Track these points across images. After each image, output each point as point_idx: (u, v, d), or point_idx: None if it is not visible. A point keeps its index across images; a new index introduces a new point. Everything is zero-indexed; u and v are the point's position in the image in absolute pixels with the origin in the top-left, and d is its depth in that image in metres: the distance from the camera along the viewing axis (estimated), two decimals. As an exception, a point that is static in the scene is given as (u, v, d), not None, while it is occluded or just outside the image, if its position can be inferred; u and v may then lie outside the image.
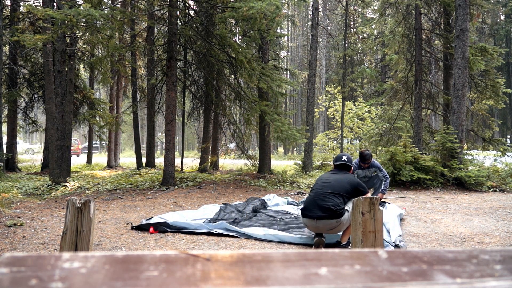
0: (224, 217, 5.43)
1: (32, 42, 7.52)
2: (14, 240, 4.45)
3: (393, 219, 4.91)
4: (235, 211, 5.79)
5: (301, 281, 0.47)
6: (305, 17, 33.04)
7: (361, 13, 25.34)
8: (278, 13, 7.81)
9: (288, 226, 5.06)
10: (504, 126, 28.00)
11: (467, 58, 9.41)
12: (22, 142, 32.59)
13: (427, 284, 0.47)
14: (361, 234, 2.58)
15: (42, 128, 14.99)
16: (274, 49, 14.90)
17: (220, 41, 9.23)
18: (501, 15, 31.07)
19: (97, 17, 7.16)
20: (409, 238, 4.67)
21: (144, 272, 0.48)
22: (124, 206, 6.71)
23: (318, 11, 14.10)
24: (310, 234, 4.51)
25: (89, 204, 2.39)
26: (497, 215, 6.09)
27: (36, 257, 0.50)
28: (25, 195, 7.86)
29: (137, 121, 15.66)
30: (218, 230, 4.75)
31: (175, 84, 9.08)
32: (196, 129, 24.34)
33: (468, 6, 9.44)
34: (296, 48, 36.61)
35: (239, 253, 0.55)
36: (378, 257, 0.55)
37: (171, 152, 8.98)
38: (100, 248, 4.14)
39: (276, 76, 9.83)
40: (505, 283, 0.48)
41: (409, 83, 13.20)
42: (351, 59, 23.57)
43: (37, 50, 13.58)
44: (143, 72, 16.71)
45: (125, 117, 19.35)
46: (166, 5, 10.32)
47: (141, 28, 14.94)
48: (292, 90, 29.81)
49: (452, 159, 9.36)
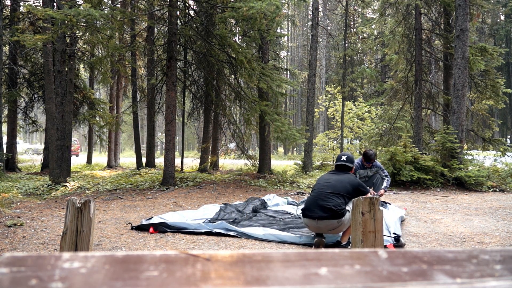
0: (224, 217, 5.43)
1: (32, 42, 7.52)
2: (14, 240, 4.45)
3: (394, 221, 4.90)
4: (235, 211, 5.79)
5: (301, 281, 0.47)
6: (305, 17, 33.04)
7: (361, 13, 25.35)
8: (278, 13, 7.81)
9: (288, 226, 5.05)
10: (504, 126, 28.00)
11: (467, 58, 9.41)
12: (22, 142, 32.59)
13: (427, 284, 0.47)
14: (361, 234, 2.58)
15: (42, 128, 14.99)
16: (274, 49, 14.90)
17: (220, 41, 9.23)
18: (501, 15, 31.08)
19: (97, 17, 7.16)
20: (409, 238, 4.67)
21: (144, 272, 0.48)
22: (124, 206, 6.71)
23: (318, 11, 14.11)
24: (310, 234, 4.50)
25: (89, 204, 2.39)
26: (497, 215, 6.09)
27: (36, 257, 0.50)
28: (25, 195, 7.86)
29: (137, 121, 15.67)
30: (218, 230, 4.74)
31: (175, 84, 9.08)
32: (196, 129, 24.34)
33: (468, 6, 9.44)
34: (296, 48, 36.62)
35: (239, 253, 0.55)
36: (378, 257, 0.55)
37: (171, 152, 8.98)
38: (100, 248, 4.14)
39: (276, 76, 9.83)
40: (505, 283, 0.48)
41: (409, 83, 13.20)
42: (351, 59, 23.57)
43: (37, 50, 13.58)
44: (143, 72, 16.71)
45: (125, 117, 19.35)
46: (166, 5, 10.32)
47: (141, 28, 14.94)
48: (292, 90, 29.82)
49: (452, 159, 9.36)
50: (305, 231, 4.71)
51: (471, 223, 5.51)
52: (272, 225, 5.07)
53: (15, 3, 13.76)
